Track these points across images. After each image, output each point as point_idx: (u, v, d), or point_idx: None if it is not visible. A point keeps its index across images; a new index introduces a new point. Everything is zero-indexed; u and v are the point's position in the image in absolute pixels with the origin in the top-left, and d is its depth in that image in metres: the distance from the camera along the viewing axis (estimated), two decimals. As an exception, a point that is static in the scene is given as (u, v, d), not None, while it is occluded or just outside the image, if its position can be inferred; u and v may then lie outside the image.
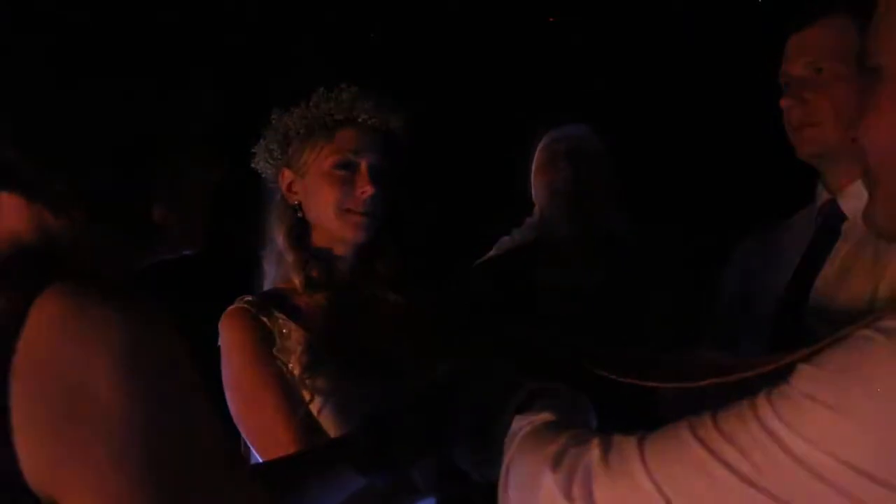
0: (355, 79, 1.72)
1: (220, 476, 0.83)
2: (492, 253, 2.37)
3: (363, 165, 1.67)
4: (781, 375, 0.79)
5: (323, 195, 1.66)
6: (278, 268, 1.70)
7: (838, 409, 0.72)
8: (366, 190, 1.64)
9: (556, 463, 0.87)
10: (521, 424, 0.99)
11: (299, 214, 1.71)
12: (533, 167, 2.29)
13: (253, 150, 1.75)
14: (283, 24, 3.15)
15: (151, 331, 0.79)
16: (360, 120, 1.68)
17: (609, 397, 1.12)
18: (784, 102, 1.69)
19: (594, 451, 0.85)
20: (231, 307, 1.64)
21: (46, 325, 0.76)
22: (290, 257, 1.67)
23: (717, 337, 1.82)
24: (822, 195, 1.73)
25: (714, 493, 0.77)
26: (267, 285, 1.73)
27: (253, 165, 1.76)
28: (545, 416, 0.98)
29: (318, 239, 1.70)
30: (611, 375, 1.07)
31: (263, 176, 1.77)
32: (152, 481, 0.76)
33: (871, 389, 0.71)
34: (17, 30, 0.86)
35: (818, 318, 1.60)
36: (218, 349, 1.62)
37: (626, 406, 1.16)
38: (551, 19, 3.66)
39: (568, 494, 0.83)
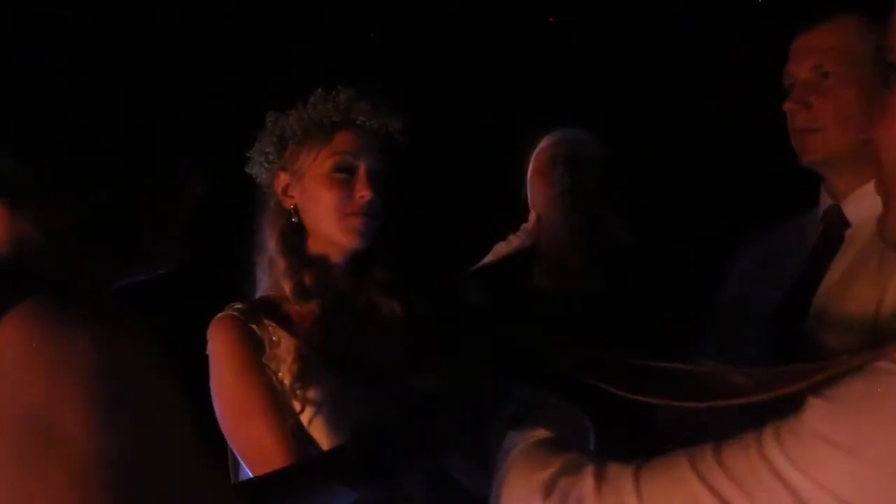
0: (355, 79, 1.70)
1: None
2: (487, 259, 2.34)
3: (362, 168, 1.64)
4: (790, 401, 0.75)
5: (321, 199, 1.64)
6: (270, 275, 1.67)
7: (854, 452, 0.67)
8: (364, 194, 1.62)
9: (548, 490, 0.84)
10: (514, 441, 0.96)
11: (294, 219, 1.68)
12: (529, 172, 2.26)
13: (248, 155, 1.73)
14: (283, 24, 3.13)
15: (126, 355, 0.76)
16: (358, 122, 1.66)
17: (606, 409, 1.09)
18: (788, 106, 1.65)
19: (588, 481, 0.82)
20: (220, 315, 1.61)
21: (11, 349, 0.73)
22: (281, 264, 1.64)
23: (716, 343, 1.79)
24: (826, 201, 1.70)
25: None
26: (259, 294, 1.70)
27: (247, 170, 1.74)
28: (539, 434, 0.95)
29: (314, 245, 1.67)
30: (609, 389, 1.03)
31: (258, 181, 1.74)
32: None
33: (892, 431, 0.66)
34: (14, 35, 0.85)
35: (819, 327, 1.57)
36: (206, 358, 1.59)
37: (624, 419, 1.13)
38: (551, 19, 3.64)
39: None
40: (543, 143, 2.25)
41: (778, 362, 1.60)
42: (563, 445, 0.92)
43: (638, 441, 1.14)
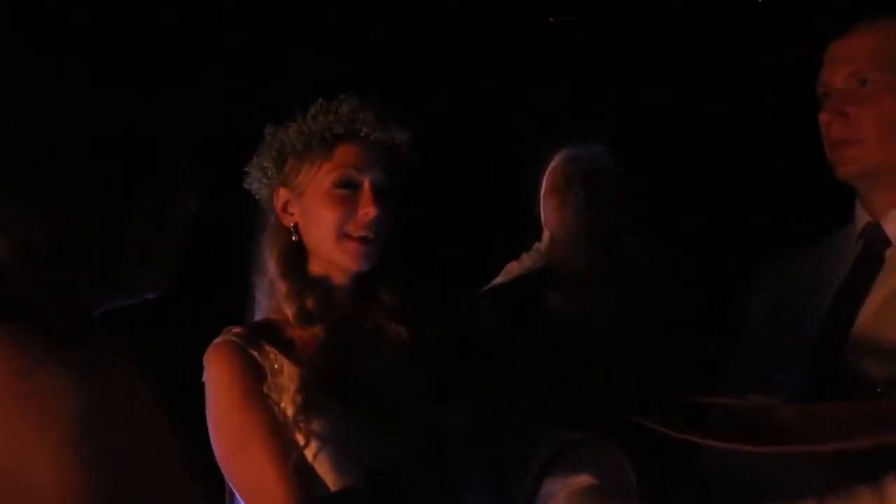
0: (355, 79, 1.65)
1: None
2: (498, 279, 2.28)
3: (366, 184, 1.56)
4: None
5: (322, 217, 1.55)
6: (270, 298, 1.59)
7: None
8: (369, 211, 1.53)
9: None
10: (556, 488, 0.87)
11: (294, 238, 1.60)
12: (543, 189, 2.20)
13: (245, 169, 1.65)
14: (283, 24, 3.12)
15: (106, 386, 0.69)
16: (362, 134, 1.58)
17: (646, 447, 0.99)
18: (823, 116, 1.56)
19: None
20: (217, 340, 1.52)
21: None
22: (282, 286, 1.56)
23: (744, 373, 1.70)
24: (862, 217, 1.61)
25: None
26: (258, 317, 1.62)
27: (245, 185, 1.66)
28: (583, 480, 0.86)
29: (315, 265, 1.59)
30: (664, 430, 0.93)
31: (257, 197, 1.66)
32: None
33: None
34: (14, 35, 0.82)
35: (862, 355, 1.48)
36: (202, 386, 1.51)
37: (666, 458, 1.03)
38: (551, 19, 3.61)
39: None
40: (557, 160, 2.19)
41: (816, 395, 1.50)
42: (609, 493, 0.82)
43: (681, 482, 1.05)
